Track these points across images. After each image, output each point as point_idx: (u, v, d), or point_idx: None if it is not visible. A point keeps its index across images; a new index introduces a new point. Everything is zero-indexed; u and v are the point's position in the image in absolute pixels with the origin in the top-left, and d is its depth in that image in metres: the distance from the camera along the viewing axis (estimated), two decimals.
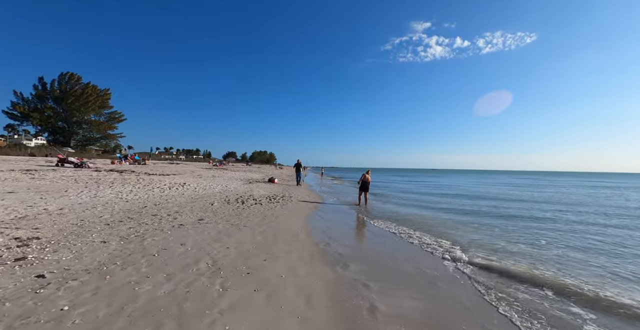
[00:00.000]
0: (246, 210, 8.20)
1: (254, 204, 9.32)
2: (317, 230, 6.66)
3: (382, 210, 10.41)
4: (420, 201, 13.93)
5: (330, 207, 10.73)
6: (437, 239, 6.42)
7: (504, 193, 20.06)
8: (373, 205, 11.60)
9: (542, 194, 20.24)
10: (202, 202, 8.74)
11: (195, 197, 9.58)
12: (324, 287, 3.51)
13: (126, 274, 3.25)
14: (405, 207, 11.94)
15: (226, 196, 10.28)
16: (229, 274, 3.57)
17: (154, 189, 9.82)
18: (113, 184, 9.92)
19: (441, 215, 9.97)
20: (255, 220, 7.09)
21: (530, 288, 3.98)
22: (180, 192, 9.94)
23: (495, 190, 22.77)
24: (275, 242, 5.30)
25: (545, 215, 10.56)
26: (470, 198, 15.69)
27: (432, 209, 11.58)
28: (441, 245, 5.88)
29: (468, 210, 11.36)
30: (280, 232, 6.11)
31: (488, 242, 6.39)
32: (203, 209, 7.67)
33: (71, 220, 5.36)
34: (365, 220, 8.32)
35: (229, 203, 9.08)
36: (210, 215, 7.07)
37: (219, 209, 7.99)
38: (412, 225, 7.80)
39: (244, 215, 7.47)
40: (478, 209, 11.78)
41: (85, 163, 15.59)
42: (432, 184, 29.47)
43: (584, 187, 30.92)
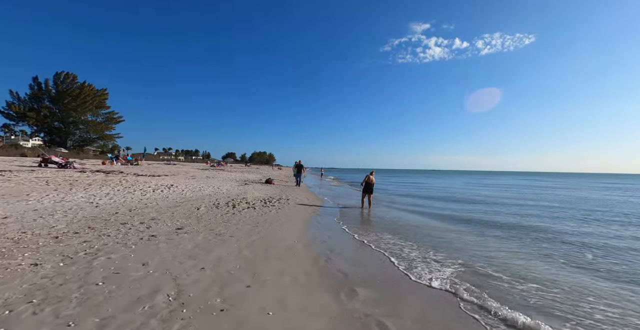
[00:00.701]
0: (236, 216, 7.17)
1: (246, 208, 8.30)
2: (316, 241, 5.64)
3: (388, 217, 9.21)
4: (427, 207, 12.72)
5: (331, 211, 9.71)
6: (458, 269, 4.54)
7: (521, 197, 19.00)
8: (378, 211, 10.54)
9: (557, 196, 19.25)
10: (187, 206, 7.71)
11: (181, 200, 8.55)
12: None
13: (33, 325, 2.20)
14: (414, 215, 10.93)
15: (216, 199, 9.24)
16: (194, 313, 2.55)
17: (135, 192, 8.79)
18: (90, 186, 8.89)
19: (453, 227, 8.96)
20: (245, 228, 6.07)
21: None
22: (164, 195, 8.91)
23: (512, 193, 21.59)
24: (266, 258, 4.28)
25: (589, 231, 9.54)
26: (488, 204, 13.57)
27: (444, 218, 9.46)
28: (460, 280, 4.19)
29: (485, 220, 9.90)
30: (273, 244, 5.09)
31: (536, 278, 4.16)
32: (186, 215, 6.64)
33: (10, 232, 4.33)
34: (371, 229, 7.29)
35: (217, 207, 8.05)
36: (192, 222, 6.03)
37: (204, 214, 6.96)
38: (423, 240, 6.38)
39: (233, 222, 6.45)
40: (501, 219, 9.56)
41: (70, 163, 14.60)
42: (437, 187, 28.23)
43: (598, 188, 29.95)
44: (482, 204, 13.82)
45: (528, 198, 17.46)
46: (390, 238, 6.16)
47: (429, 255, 5.08)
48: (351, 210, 10.16)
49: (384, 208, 11.27)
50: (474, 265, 4.62)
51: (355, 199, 13.52)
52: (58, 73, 50.10)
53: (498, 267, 4.58)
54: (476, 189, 24.64)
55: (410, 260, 4.74)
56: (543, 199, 16.86)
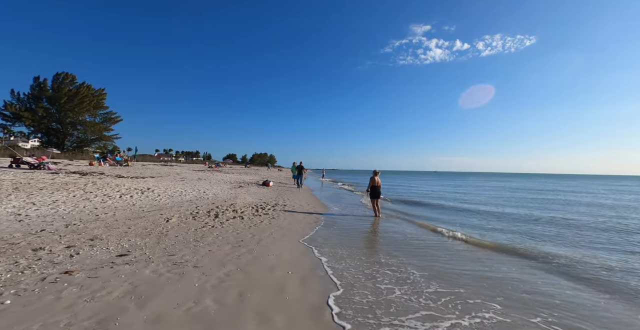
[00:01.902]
0: (215, 230, 5.46)
1: (231, 219, 6.58)
2: (320, 270, 3.91)
3: (408, 232, 6.90)
4: (448, 211, 11.12)
5: (337, 220, 7.98)
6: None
7: (564, 199, 17.30)
8: (392, 225, 8.74)
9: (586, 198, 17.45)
10: (154, 217, 6.00)
11: (150, 209, 6.84)
12: None
13: None
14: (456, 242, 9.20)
15: (196, 207, 7.53)
16: None
17: (95, 198, 7.10)
18: (40, 191, 7.20)
19: (548, 279, 7.21)
20: (223, 250, 4.36)
21: None
22: (130, 202, 7.20)
23: (550, 195, 19.71)
24: (238, 313, 2.57)
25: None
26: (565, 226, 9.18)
27: (514, 252, 6.70)
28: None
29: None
30: (257, 278, 3.38)
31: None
32: (145, 232, 4.93)
33: None
34: (392, 253, 5.54)
35: (195, 218, 6.33)
36: (148, 243, 4.32)
37: (172, 229, 5.26)
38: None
39: (208, 241, 4.74)
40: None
41: (44, 164, 12.98)
42: (453, 190, 25.43)
43: (619, 192, 28.11)
44: (554, 224, 8.74)
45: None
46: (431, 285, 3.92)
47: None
48: (360, 219, 8.44)
49: (396, 220, 8.88)
50: None
51: (361, 205, 11.80)
52: (58, 73, 48.86)
53: None
54: (508, 194, 20.13)
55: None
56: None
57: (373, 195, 9.14)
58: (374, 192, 9.14)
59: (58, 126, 50.81)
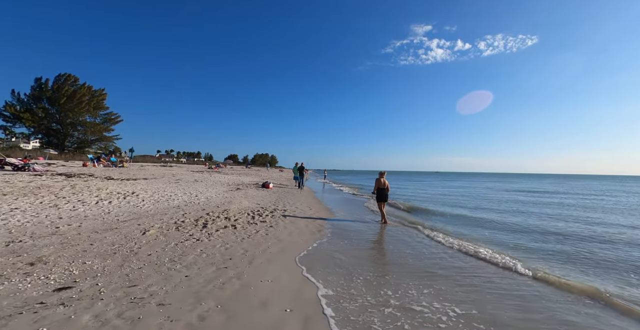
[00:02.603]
0: (200, 245, 4.49)
1: (221, 229, 5.60)
2: (332, 302, 2.90)
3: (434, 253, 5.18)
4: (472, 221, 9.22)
5: (343, 228, 6.99)
6: None
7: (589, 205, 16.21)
8: (414, 238, 6.74)
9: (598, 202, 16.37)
10: (129, 229, 5.03)
11: (127, 217, 5.86)
12: None
13: None
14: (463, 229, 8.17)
15: (184, 214, 6.55)
16: None
17: (64, 205, 6.10)
18: (4, 197, 6.24)
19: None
20: (203, 275, 3.38)
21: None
22: (106, 209, 6.22)
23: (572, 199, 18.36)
24: None
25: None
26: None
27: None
28: None
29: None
30: (242, 326, 2.39)
31: None
32: (111, 249, 3.95)
33: None
34: (422, 275, 4.52)
35: (179, 228, 5.36)
36: (108, 268, 3.35)
37: (147, 245, 4.28)
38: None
39: (186, 262, 3.76)
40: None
41: (29, 165, 12.07)
42: (466, 192, 22.97)
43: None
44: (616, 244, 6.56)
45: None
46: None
47: None
48: (370, 230, 7.45)
49: (413, 231, 7.31)
50: None
51: (367, 209, 10.80)
52: (60, 75, 48.24)
53: None
54: (527, 199, 17.29)
55: None
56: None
57: (379, 198, 8.25)
58: (381, 194, 8.24)
59: (58, 127, 50.17)
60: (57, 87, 47.31)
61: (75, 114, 49.15)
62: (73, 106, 47.80)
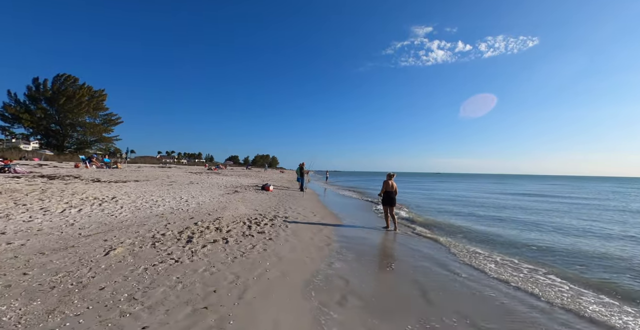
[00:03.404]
0: (178, 269, 3.42)
1: (210, 243, 4.53)
2: None
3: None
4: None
5: (355, 239, 5.91)
6: None
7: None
8: (447, 257, 5.53)
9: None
10: (89, 246, 3.94)
11: (93, 230, 4.77)
12: None
13: None
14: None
15: (167, 224, 5.46)
16: None
17: (18, 215, 4.95)
18: None
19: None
20: (170, 325, 2.31)
21: None
22: (70, 220, 5.09)
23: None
24: None
25: None
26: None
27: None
28: None
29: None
30: None
31: None
32: (51, 281, 2.86)
33: None
34: None
35: (156, 244, 4.28)
36: (28, 316, 2.28)
37: (106, 272, 3.21)
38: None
39: (152, 300, 2.68)
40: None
41: (10, 166, 11.05)
42: (468, 194, 21.65)
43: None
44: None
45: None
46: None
47: None
48: (387, 242, 6.38)
49: (440, 248, 5.80)
50: None
51: (377, 214, 9.73)
52: (59, 75, 47.36)
53: None
54: (552, 205, 14.23)
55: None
56: None
57: (386, 202, 7.40)
58: (388, 198, 7.39)
59: (57, 128, 49.30)
60: (57, 88, 46.44)
61: (75, 115, 48.27)
62: (72, 107, 46.91)
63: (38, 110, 46.09)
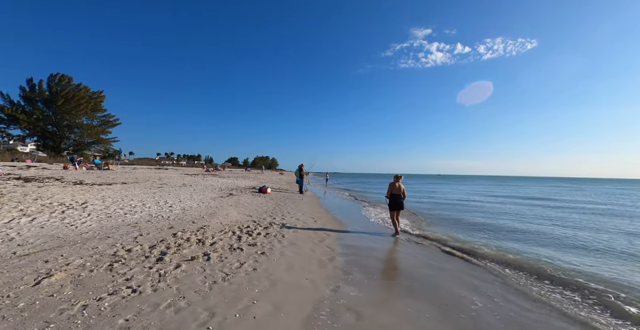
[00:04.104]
0: (129, 306, 2.46)
1: (187, 261, 3.57)
2: None
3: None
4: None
5: (363, 249, 4.96)
6: None
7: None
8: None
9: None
10: (21, 270, 2.97)
11: (38, 246, 3.78)
12: None
13: None
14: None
15: (137, 236, 4.48)
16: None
17: None
18: None
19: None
20: None
21: None
22: (13, 233, 4.09)
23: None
24: None
25: None
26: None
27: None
28: None
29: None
30: None
31: None
32: None
33: None
34: None
35: (114, 265, 3.31)
36: None
37: (22, 313, 2.26)
38: None
39: None
40: None
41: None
42: (483, 199, 18.09)
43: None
44: None
45: None
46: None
47: None
48: (397, 248, 5.42)
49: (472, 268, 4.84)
50: None
51: (386, 220, 8.77)
52: (53, 75, 46.34)
53: None
54: (584, 217, 10.54)
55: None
56: None
57: (393, 206, 6.58)
58: (395, 202, 6.57)
59: (54, 129, 48.29)
60: (55, 89, 45.51)
61: (72, 116, 47.31)
62: (70, 108, 46.00)
63: (35, 111, 45.14)
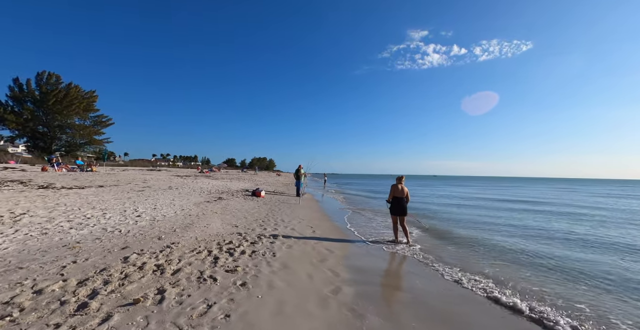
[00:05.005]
0: None
1: (125, 307, 2.39)
2: None
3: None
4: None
5: (369, 265, 3.79)
6: None
7: None
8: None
9: None
10: None
11: None
12: None
13: None
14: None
15: (67, 264, 3.24)
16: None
17: None
18: None
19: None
20: None
21: None
22: None
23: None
24: None
25: None
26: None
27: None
28: None
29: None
30: None
31: None
32: None
33: None
34: None
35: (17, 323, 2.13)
36: None
37: None
38: None
39: None
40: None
41: None
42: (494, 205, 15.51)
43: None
44: None
45: None
46: None
47: None
48: (404, 263, 4.25)
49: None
50: None
51: (381, 221, 7.60)
52: (40, 73, 44.66)
53: None
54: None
55: None
56: None
57: (396, 211, 5.55)
58: (398, 206, 5.54)
59: (45, 130, 46.59)
60: (44, 88, 43.87)
61: (64, 117, 45.64)
62: (62, 108, 44.36)
63: (24, 112, 43.44)
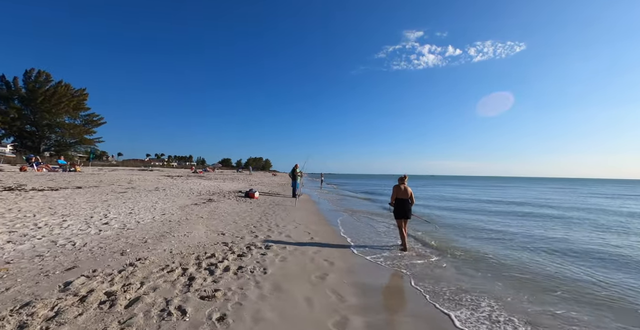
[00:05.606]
0: None
1: None
2: None
3: None
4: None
5: (378, 282, 3.05)
6: None
7: None
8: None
9: None
10: None
11: None
12: None
13: None
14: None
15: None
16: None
17: None
18: None
19: None
20: None
21: None
22: None
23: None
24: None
25: None
26: None
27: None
28: None
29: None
30: None
31: None
32: None
33: None
34: None
35: None
36: None
37: None
38: None
39: None
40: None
41: None
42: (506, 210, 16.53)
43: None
44: None
45: None
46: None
47: None
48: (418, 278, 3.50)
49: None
50: None
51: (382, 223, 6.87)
52: (28, 71, 43.05)
53: None
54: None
55: None
56: None
57: (400, 214, 4.91)
58: (401, 208, 4.91)
59: (33, 129, 44.98)
60: (32, 86, 42.31)
61: (53, 115, 44.06)
62: (50, 107, 42.81)
63: (11, 110, 41.79)
